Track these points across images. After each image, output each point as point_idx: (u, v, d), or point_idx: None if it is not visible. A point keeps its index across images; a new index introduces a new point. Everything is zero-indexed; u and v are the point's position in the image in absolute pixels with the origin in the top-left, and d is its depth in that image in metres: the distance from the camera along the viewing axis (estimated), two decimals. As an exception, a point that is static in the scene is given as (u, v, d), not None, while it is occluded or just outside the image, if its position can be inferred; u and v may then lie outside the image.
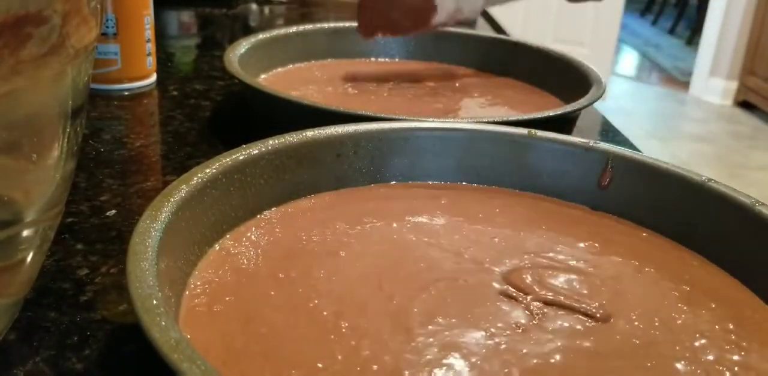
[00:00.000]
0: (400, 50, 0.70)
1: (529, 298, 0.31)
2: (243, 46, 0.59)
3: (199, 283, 0.30)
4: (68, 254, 0.36)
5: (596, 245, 0.36)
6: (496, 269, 0.33)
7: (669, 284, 0.33)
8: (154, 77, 0.64)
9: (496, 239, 0.35)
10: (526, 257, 0.34)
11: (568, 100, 0.57)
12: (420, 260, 0.33)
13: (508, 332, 0.28)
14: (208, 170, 0.32)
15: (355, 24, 0.69)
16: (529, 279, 0.32)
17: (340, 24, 0.69)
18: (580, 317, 0.30)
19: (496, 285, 0.31)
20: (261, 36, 0.62)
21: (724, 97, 3.40)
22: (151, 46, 0.63)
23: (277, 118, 0.50)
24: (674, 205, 0.36)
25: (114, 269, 0.35)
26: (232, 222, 0.34)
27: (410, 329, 0.28)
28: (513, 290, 0.31)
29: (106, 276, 0.34)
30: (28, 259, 0.27)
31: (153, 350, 0.21)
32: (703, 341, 0.29)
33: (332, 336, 0.27)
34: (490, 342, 0.28)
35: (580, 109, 0.50)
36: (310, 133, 0.38)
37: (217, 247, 0.32)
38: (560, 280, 0.32)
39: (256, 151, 0.35)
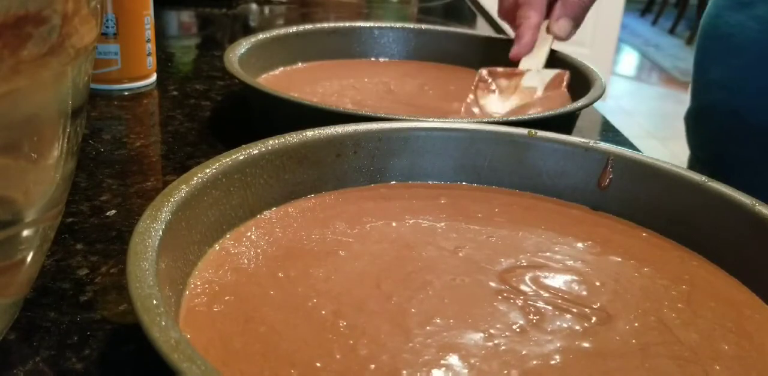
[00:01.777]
0: (400, 50, 0.70)
1: (530, 299, 0.31)
2: (243, 46, 0.59)
3: (199, 283, 0.30)
4: (68, 254, 0.36)
5: (595, 244, 0.36)
6: (494, 269, 0.33)
7: (668, 284, 0.33)
8: (154, 77, 0.64)
9: (495, 239, 0.36)
10: (522, 256, 0.34)
11: (568, 101, 0.56)
12: (418, 260, 0.33)
13: (506, 333, 0.28)
14: (208, 170, 0.32)
15: (355, 24, 0.69)
16: (526, 279, 0.32)
17: (340, 24, 0.69)
18: (579, 317, 0.30)
19: (492, 285, 0.31)
20: (261, 36, 0.62)
21: (724, 97, 3.40)
22: (151, 46, 0.63)
23: (277, 118, 0.50)
24: (674, 205, 0.36)
25: (114, 269, 0.35)
26: (232, 222, 0.34)
27: (408, 329, 0.28)
28: (510, 290, 0.31)
29: (106, 276, 0.35)
30: (28, 259, 0.27)
31: (153, 350, 0.21)
32: (702, 341, 0.29)
33: (331, 335, 0.27)
34: (488, 343, 0.28)
35: (580, 109, 0.50)
36: (310, 133, 0.38)
37: (217, 247, 0.32)
38: (558, 280, 0.32)
39: (256, 151, 0.35)
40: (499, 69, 0.62)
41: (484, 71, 0.62)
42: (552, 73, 0.60)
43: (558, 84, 0.59)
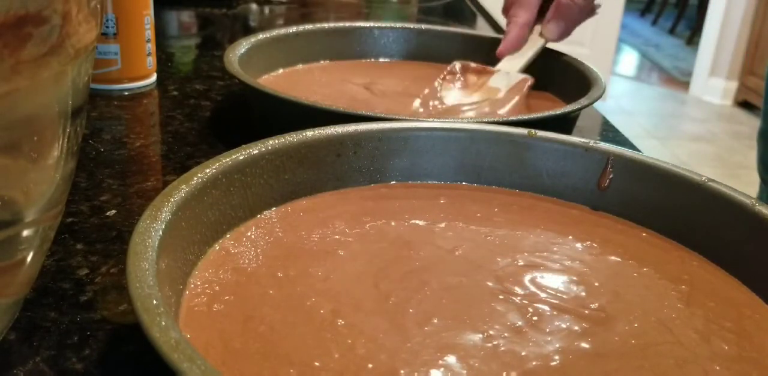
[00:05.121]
0: (400, 50, 0.70)
1: (529, 299, 0.31)
2: (243, 46, 0.59)
3: (199, 283, 0.30)
4: (68, 254, 0.36)
5: (595, 244, 0.36)
6: (492, 269, 0.33)
7: (668, 284, 0.33)
8: (154, 77, 0.64)
9: (494, 239, 0.36)
10: (521, 256, 0.34)
11: (568, 100, 0.57)
12: (417, 260, 0.33)
13: (505, 333, 0.28)
14: (208, 170, 0.32)
15: (355, 24, 0.69)
16: (524, 280, 0.32)
17: (340, 24, 0.69)
18: (578, 318, 0.30)
19: (491, 285, 0.31)
20: (261, 36, 0.62)
21: (724, 97, 3.40)
22: (151, 46, 0.63)
23: (277, 118, 0.50)
24: (674, 205, 0.36)
25: (114, 269, 0.35)
26: (232, 222, 0.34)
27: (406, 329, 0.28)
28: (508, 290, 0.31)
29: (106, 276, 0.35)
30: (28, 259, 0.27)
31: (153, 350, 0.21)
32: (702, 341, 0.29)
33: (329, 335, 0.27)
34: (487, 344, 0.28)
35: (580, 109, 0.50)
36: (310, 133, 0.38)
37: (217, 247, 0.32)
38: (557, 280, 0.32)
39: (256, 151, 0.35)
40: (473, 64, 0.62)
41: (457, 65, 0.62)
42: (519, 77, 0.60)
43: (519, 89, 0.59)
